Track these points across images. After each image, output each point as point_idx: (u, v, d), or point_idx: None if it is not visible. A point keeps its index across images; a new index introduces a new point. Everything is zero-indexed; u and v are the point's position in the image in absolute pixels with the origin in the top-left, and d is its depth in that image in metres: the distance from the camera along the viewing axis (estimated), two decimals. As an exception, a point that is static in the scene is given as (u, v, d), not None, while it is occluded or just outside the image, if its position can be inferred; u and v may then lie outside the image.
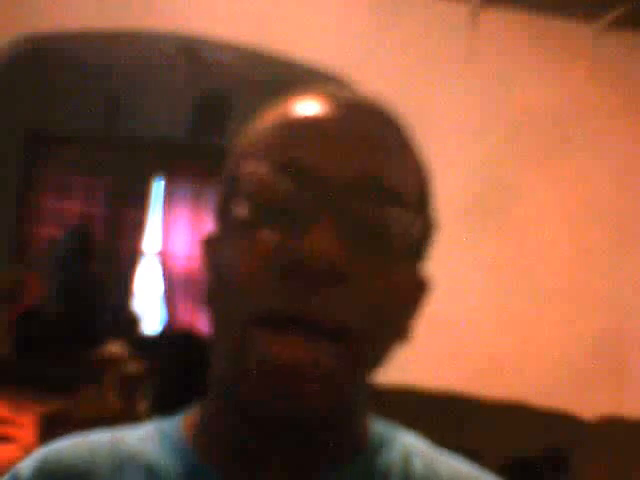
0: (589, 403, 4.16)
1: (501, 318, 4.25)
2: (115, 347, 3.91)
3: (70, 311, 6.06)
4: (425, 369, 4.16)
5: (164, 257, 6.75)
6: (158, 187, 6.84)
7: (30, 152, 6.57)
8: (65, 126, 6.44)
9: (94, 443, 0.68)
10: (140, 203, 6.80)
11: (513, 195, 4.32)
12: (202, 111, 6.45)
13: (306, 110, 0.63)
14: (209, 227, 0.70)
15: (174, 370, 4.40)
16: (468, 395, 4.09)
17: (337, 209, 0.58)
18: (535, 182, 4.34)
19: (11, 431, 3.18)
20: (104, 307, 6.35)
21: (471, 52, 4.29)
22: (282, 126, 0.63)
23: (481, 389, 4.11)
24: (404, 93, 4.30)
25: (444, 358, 4.19)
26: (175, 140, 6.50)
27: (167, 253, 6.73)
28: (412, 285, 0.65)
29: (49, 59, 5.68)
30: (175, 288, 6.65)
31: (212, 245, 0.67)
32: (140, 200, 6.79)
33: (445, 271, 4.18)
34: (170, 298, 6.70)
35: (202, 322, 6.17)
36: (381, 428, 0.69)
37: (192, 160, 6.47)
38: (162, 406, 3.86)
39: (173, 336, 6.16)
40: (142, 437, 0.68)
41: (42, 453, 0.69)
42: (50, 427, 3.23)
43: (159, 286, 6.76)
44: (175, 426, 0.69)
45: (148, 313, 6.76)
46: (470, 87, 4.33)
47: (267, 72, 4.49)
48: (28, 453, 0.71)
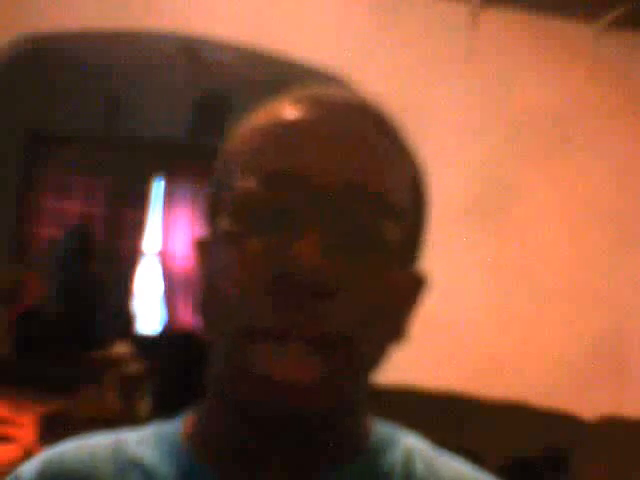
0: (589, 403, 4.16)
1: (501, 318, 4.25)
2: (122, 347, 3.92)
3: (70, 311, 6.06)
4: (425, 369, 4.16)
5: (164, 257, 6.75)
6: (158, 187, 6.84)
7: (30, 152, 6.57)
8: (65, 126, 6.44)
9: (95, 446, 0.68)
10: (140, 203, 6.80)
11: (513, 195, 4.32)
12: (202, 111, 6.45)
13: (293, 117, 0.61)
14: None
15: (174, 370, 4.40)
16: (468, 395, 4.09)
17: (325, 220, 0.57)
18: (535, 182, 4.34)
19: (11, 431, 3.18)
20: (104, 307, 6.34)
21: (471, 52, 4.29)
22: (268, 134, 0.61)
23: (481, 389, 4.11)
24: (404, 93, 4.30)
25: (444, 358, 4.19)
26: (175, 140, 6.50)
27: (167, 253, 6.73)
28: (405, 287, 0.64)
29: (49, 59, 5.68)
30: (175, 288, 6.65)
31: (204, 248, 0.66)
32: (140, 200, 6.79)
33: (445, 271, 4.18)
34: (170, 298, 6.70)
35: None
36: (382, 429, 0.69)
37: (192, 160, 6.46)
38: (162, 406, 3.86)
39: (173, 336, 6.16)
40: (142, 440, 0.68)
41: (44, 456, 0.69)
42: (50, 427, 3.23)
43: (159, 286, 6.75)
44: (174, 428, 0.69)
45: (148, 313, 6.76)
46: (470, 87, 4.33)
47: (267, 72, 4.49)
48: (28, 453, 0.71)
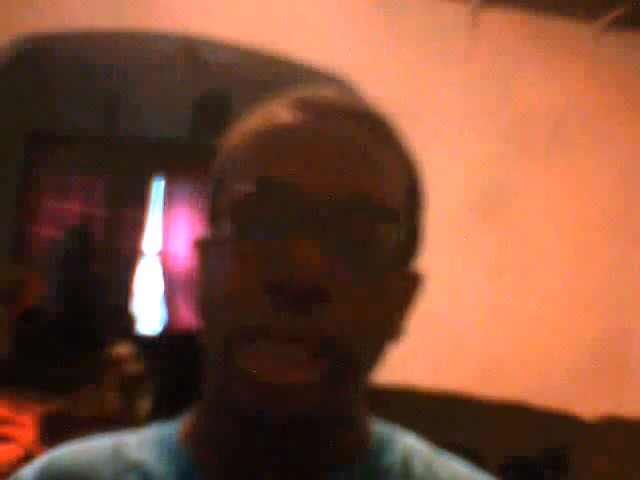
0: (589, 403, 4.16)
1: (501, 318, 4.25)
2: (123, 348, 3.91)
3: (70, 311, 6.06)
4: (425, 369, 4.16)
5: (164, 257, 6.75)
6: (158, 187, 6.84)
7: (30, 152, 6.57)
8: (65, 126, 6.44)
9: (95, 449, 0.68)
10: (140, 203, 6.80)
11: (513, 195, 4.32)
12: (202, 111, 6.45)
13: (289, 122, 0.61)
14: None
15: (174, 370, 4.40)
16: (468, 395, 4.09)
17: (322, 225, 0.57)
18: (535, 182, 4.34)
19: (11, 431, 3.18)
20: (104, 307, 6.35)
21: (471, 52, 4.29)
22: (265, 139, 0.61)
23: (481, 389, 4.11)
24: (404, 93, 4.30)
25: (444, 358, 4.19)
26: (175, 140, 6.50)
27: (167, 253, 6.73)
28: (402, 287, 0.64)
29: (49, 59, 5.68)
30: (175, 288, 6.65)
31: (203, 248, 0.66)
32: (140, 200, 6.79)
33: (445, 271, 4.18)
34: (170, 298, 6.70)
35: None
36: (381, 429, 0.69)
37: (192, 160, 6.45)
38: (162, 406, 3.86)
39: (173, 336, 6.17)
40: (141, 442, 0.68)
41: (44, 460, 0.69)
42: (50, 427, 3.23)
43: (159, 286, 6.75)
44: (173, 430, 0.69)
45: (148, 313, 6.76)
46: (470, 87, 4.33)
47: (267, 72, 4.49)
48: (28, 453, 0.71)
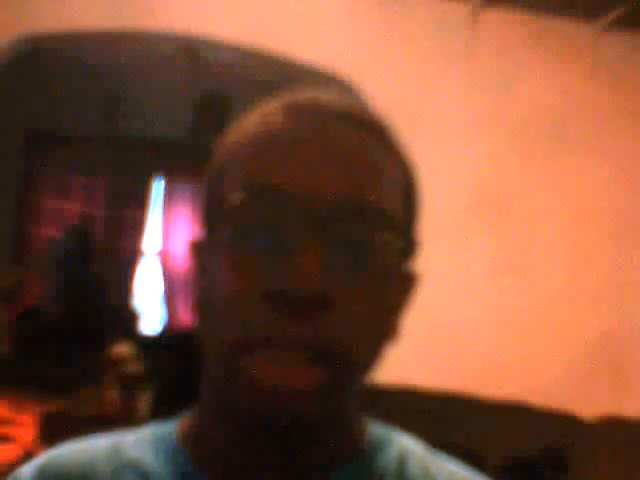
0: (589, 403, 4.16)
1: (501, 318, 4.25)
2: (123, 347, 3.91)
3: (70, 311, 6.06)
4: (425, 369, 4.16)
5: (164, 257, 6.75)
6: (158, 187, 6.85)
7: (30, 152, 6.57)
8: (65, 126, 6.44)
9: (94, 449, 0.68)
10: (140, 203, 6.80)
11: (513, 195, 4.32)
12: (202, 111, 6.45)
13: (287, 125, 0.60)
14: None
15: (174, 370, 4.40)
16: (468, 395, 4.09)
17: (322, 232, 0.57)
18: (535, 182, 4.34)
19: (11, 431, 3.18)
20: (104, 307, 6.35)
21: (471, 52, 4.29)
22: (261, 143, 0.60)
23: (481, 389, 4.11)
24: (404, 93, 4.30)
25: (444, 358, 4.19)
26: (175, 140, 6.50)
27: (167, 253, 6.73)
28: (399, 290, 0.64)
29: (49, 59, 5.68)
30: (175, 288, 6.65)
31: (199, 250, 0.66)
32: (140, 200, 6.79)
33: (445, 271, 4.18)
34: (170, 298, 6.70)
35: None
36: (377, 430, 0.69)
37: (192, 160, 6.44)
38: (162, 406, 3.86)
39: (173, 336, 6.16)
40: (139, 441, 0.68)
41: (42, 459, 0.69)
42: (50, 427, 3.23)
43: (159, 286, 6.76)
44: (171, 430, 0.69)
45: (148, 313, 6.76)
46: (470, 87, 4.33)
47: (267, 72, 4.49)
48: (28, 453, 0.71)
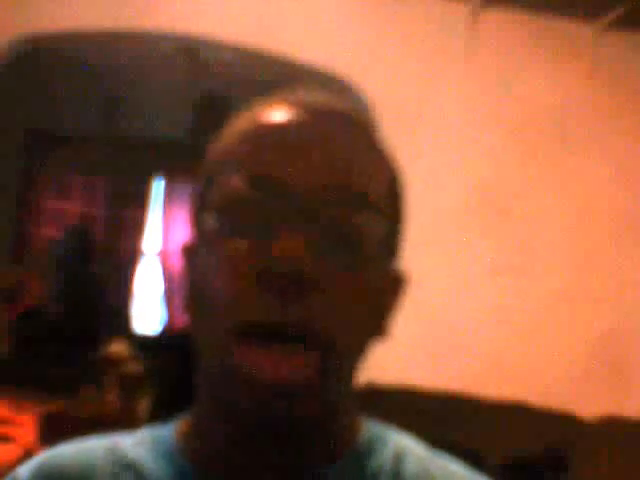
0: (589, 403, 4.16)
1: (501, 318, 4.25)
2: (118, 346, 3.91)
3: (70, 311, 6.06)
4: (425, 369, 4.16)
5: (164, 257, 6.75)
6: (158, 187, 6.85)
7: (30, 152, 6.57)
8: (65, 126, 6.44)
9: (91, 449, 0.69)
10: (140, 203, 6.80)
11: (513, 195, 4.32)
12: (202, 111, 6.45)
13: (273, 120, 0.64)
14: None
15: (174, 370, 4.40)
16: (468, 395, 4.09)
17: (305, 216, 0.59)
18: (535, 182, 4.34)
19: (11, 431, 3.18)
20: (104, 307, 6.35)
21: (471, 52, 4.29)
22: (249, 138, 0.64)
23: (481, 389, 4.11)
24: (404, 93, 4.30)
25: (444, 358, 4.19)
26: (175, 140, 6.50)
27: (167, 253, 6.73)
28: (386, 284, 0.66)
29: (49, 59, 5.68)
30: (175, 288, 6.65)
31: (190, 252, 0.67)
32: (140, 200, 6.79)
33: (445, 271, 4.18)
34: (170, 298, 6.70)
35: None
36: (373, 429, 0.69)
37: (192, 160, 6.43)
38: (162, 406, 3.86)
39: (173, 336, 6.16)
40: (137, 442, 0.69)
41: (40, 459, 0.69)
42: (50, 427, 3.23)
43: (159, 286, 6.75)
44: (170, 431, 0.69)
45: (148, 313, 6.76)
46: (470, 87, 4.33)
47: (267, 72, 4.49)
48: (28, 453, 0.71)
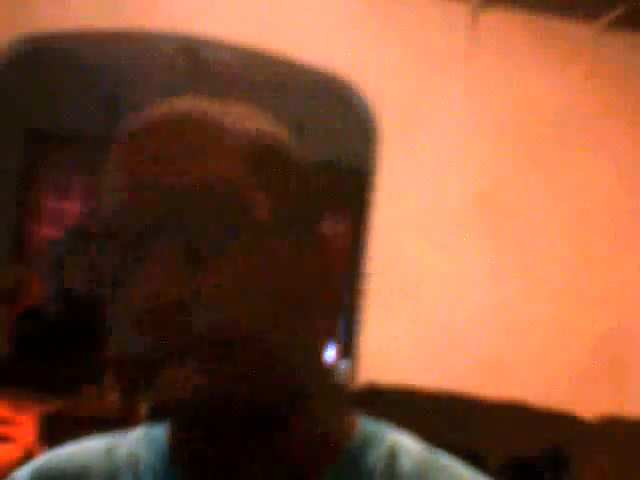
0: (589, 403, 4.16)
1: (501, 318, 4.25)
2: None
3: (70, 311, 6.06)
4: (425, 369, 4.16)
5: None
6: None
7: (30, 152, 6.57)
8: (65, 126, 6.44)
9: (89, 450, 0.69)
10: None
11: (513, 195, 4.32)
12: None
13: (131, 144, 0.60)
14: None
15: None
16: (468, 395, 4.09)
17: (166, 234, 0.57)
18: (535, 182, 4.34)
19: (11, 431, 3.18)
20: (104, 307, 6.33)
21: (471, 52, 4.29)
22: (117, 162, 0.60)
23: (481, 389, 4.11)
24: (404, 93, 4.30)
25: (444, 358, 4.19)
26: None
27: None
28: (300, 273, 0.60)
29: (49, 59, 5.68)
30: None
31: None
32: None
33: (445, 271, 4.18)
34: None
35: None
36: (368, 427, 0.67)
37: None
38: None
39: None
40: (134, 443, 0.68)
41: (39, 461, 0.69)
42: (50, 427, 3.23)
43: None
44: (164, 431, 0.68)
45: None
46: (470, 87, 4.33)
47: (267, 72, 4.49)
48: (28, 453, 0.71)
